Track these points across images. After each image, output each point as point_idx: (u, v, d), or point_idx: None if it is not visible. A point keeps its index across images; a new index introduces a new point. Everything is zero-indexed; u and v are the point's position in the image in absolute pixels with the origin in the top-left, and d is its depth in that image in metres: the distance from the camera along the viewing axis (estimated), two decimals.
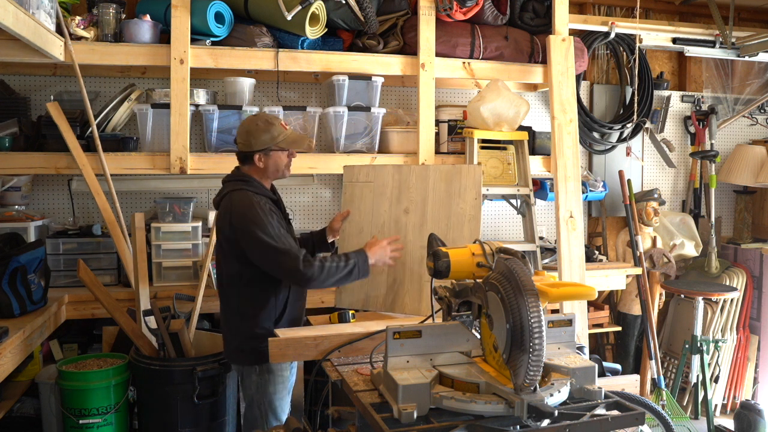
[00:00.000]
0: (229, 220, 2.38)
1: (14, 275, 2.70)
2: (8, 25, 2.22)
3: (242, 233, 2.35)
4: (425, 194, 2.51)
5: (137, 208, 3.68)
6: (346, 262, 2.37)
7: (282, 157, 2.52)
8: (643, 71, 4.42)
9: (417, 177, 2.55)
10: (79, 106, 3.25)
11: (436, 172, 2.52)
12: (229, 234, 2.40)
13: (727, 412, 4.48)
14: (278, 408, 2.53)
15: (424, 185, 2.52)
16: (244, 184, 2.47)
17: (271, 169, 2.51)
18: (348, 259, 2.38)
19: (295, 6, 3.12)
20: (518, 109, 3.55)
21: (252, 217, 2.33)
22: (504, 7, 3.71)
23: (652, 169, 4.71)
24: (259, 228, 2.31)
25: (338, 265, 2.35)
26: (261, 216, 2.34)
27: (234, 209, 2.38)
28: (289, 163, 2.56)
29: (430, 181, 2.51)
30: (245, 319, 2.47)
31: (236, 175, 2.54)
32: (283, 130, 2.50)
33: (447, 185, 2.45)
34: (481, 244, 1.82)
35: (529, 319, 1.47)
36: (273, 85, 3.83)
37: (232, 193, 2.43)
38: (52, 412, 3.06)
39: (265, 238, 2.31)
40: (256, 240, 2.31)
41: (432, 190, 2.49)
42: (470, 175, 2.42)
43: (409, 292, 2.55)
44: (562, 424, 1.52)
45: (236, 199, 2.40)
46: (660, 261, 4.31)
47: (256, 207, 2.35)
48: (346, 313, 2.54)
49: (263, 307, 2.46)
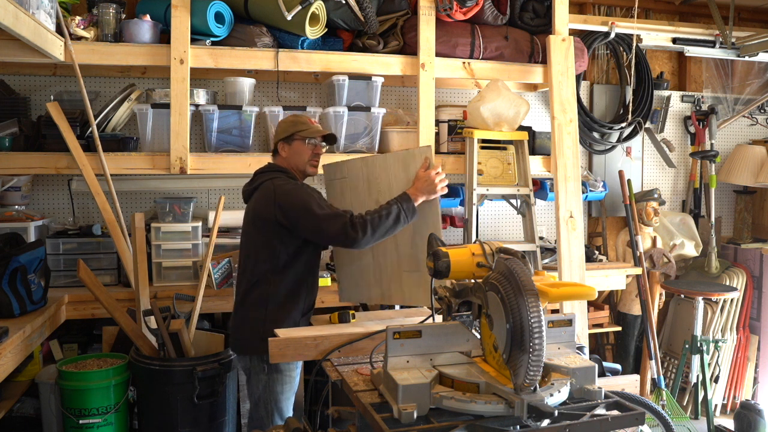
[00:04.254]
0: (274, 200, 2.45)
1: (14, 275, 2.71)
2: (8, 25, 2.22)
3: (289, 209, 2.42)
4: (389, 182, 2.54)
5: (137, 208, 3.68)
6: (389, 210, 2.36)
7: (304, 149, 2.58)
8: (643, 71, 4.42)
9: (380, 167, 2.59)
10: (79, 106, 3.25)
11: (394, 159, 2.55)
12: (277, 216, 2.44)
13: (727, 412, 4.48)
14: (284, 408, 2.53)
15: (387, 174, 2.56)
16: (280, 173, 2.56)
17: (293, 159, 2.59)
18: (390, 206, 2.37)
19: (295, 6, 3.12)
20: (518, 109, 3.55)
21: (296, 194, 2.43)
22: (504, 7, 3.71)
23: (652, 169, 4.71)
24: (305, 201, 2.41)
25: (380, 216, 2.35)
26: (304, 192, 2.44)
27: (277, 191, 2.46)
28: (313, 158, 2.61)
29: (391, 170, 2.54)
30: (273, 308, 2.48)
31: (271, 166, 2.63)
32: (308, 123, 2.61)
33: (404, 170, 2.49)
34: (481, 244, 1.82)
35: (529, 319, 1.47)
36: (273, 85, 3.83)
37: (271, 181, 2.51)
38: (52, 412, 3.05)
39: (313, 208, 2.38)
40: (304, 211, 2.39)
41: (394, 178, 2.53)
42: (422, 156, 2.46)
43: (393, 281, 2.57)
44: (562, 424, 1.52)
45: (277, 183, 2.49)
46: (660, 261, 4.31)
47: (298, 186, 2.48)
48: (347, 313, 2.54)
49: (296, 297, 2.51)
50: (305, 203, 2.40)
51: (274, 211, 2.43)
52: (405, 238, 2.50)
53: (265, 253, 2.50)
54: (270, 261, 2.50)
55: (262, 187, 2.52)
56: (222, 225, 3.38)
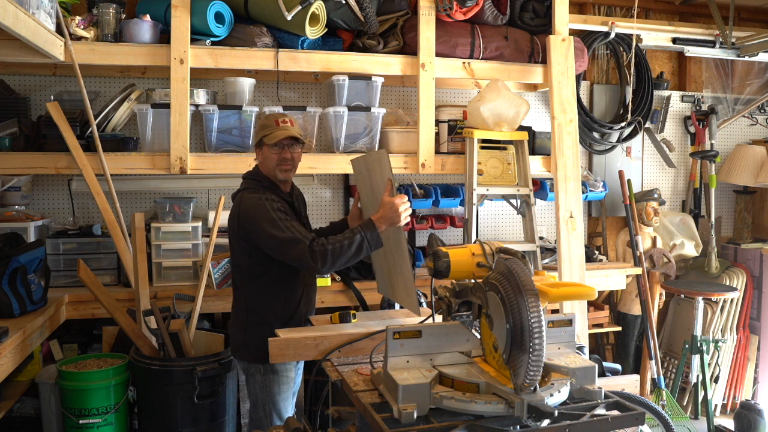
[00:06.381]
0: (238, 215, 2.45)
1: (14, 275, 2.70)
2: (8, 25, 2.22)
3: (250, 227, 2.40)
4: (374, 182, 2.49)
5: (137, 208, 3.68)
6: (351, 238, 2.28)
7: (270, 153, 2.51)
8: (643, 71, 4.42)
9: (370, 166, 2.53)
10: (79, 106, 3.25)
11: (370, 158, 2.52)
12: (238, 230, 2.46)
13: (727, 412, 4.48)
14: (282, 409, 2.53)
15: (370, 174, 2.52)
16: (256, 182, 2.54)
17: (263, 165, 2.56)
18: (354, 234, 2.29)
19: (295, 6, 3.12)
20: (518, 109, 3.55)
21: (257, 212, 2.38)
22: (504, 7, 3.71)
23: (652, 169, 4.71)
24: (265, 221, 2.35)
25: (342, 245, 2.27)
26: (265, 211, 2.37)
27: (242, 206, 2.45)
28: (280, 162, 2.51)
29: (372, 171, 2.49)
30: (252, 315, 2.51)
31: (252, 173, 2.62)
32: (273, 126, 2.51)
33: (380, 173, 2.40)
34: (481, 244, 1.82)
35: (529, 319, 1.47)
36: (273, 85, 3.82)
37: (242, 192, 2.51)
38: (52, 412, 3.05)
39: (271, 230, 2.33)
40: (263, 231, 2.35)
41: (375, 179, 2.47)
42: (379, 160, 2.37)
43: (399, 283, 2.54)
44: (562, 424, 1.52)
45: (245, 198, 2.47)
46: (660, 261, 4.31)
47: (261, 203, 2.40)
48: (347, 313, 2.54)
49: (273, 306, 2.49)
50: (265, 224, 2.34)
51: (238, 226, 2.45)
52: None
53: (240, 262, 2.54)
54: (244, 269, 2.53)
55: (236, 197, 2.54)
56: (222, 225, 3.37)
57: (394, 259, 2.45)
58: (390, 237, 2.39)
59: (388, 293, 2.68)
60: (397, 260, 2.40)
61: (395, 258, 2.42)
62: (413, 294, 2.29)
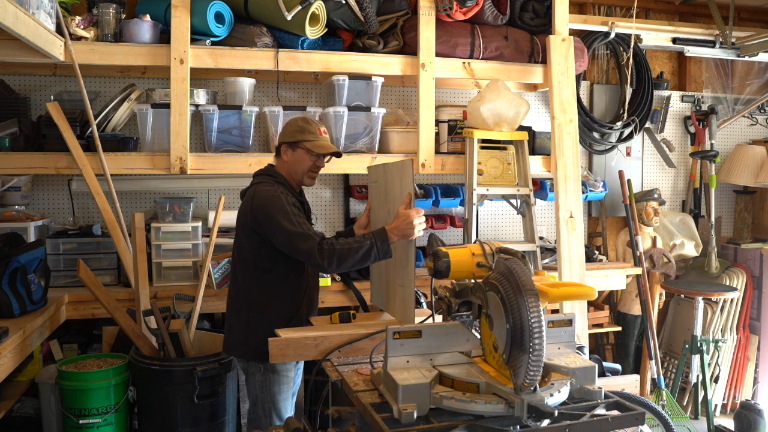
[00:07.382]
0: (251, 208, 2.44)
1: (14, 275, 2.70)
2: (8, 25, 2.22)
3: (263, 218, 2.40)
4: (392, 191, 2.46)
5: (137, 208, 3.68)
6: (361, 243, 2.28)
7: (305, 158, 2.56)
8: (643, 71, 4.42)
9: (389, 174, 2.51)
10: (79, 106, 3.25)
11: (393, 168, 2.48)
12: (251, 223, 2.45)
13: (727, 412, 4.48)
14: (282, 408, 2.53)
15: (387, 182, 2.51)
16: (270, 177, 2.55)
17: (293, 166, 2.57)
18: (364, 240, 2.29)
19: (295, 6, 3.12)
20: (518, 109, 3.55)
21: (272, 204, 2.39)
22: (504, 7, 3.71)
23: (652, 169, 4.71)
24: (279, 213, 2.36)
25: (351, 248, 2.28)
26: (281, 203, 2.38)
27: (256, 197, 2.45)
28: (313, 169, 2.58)
29: (391, 179, 2.47)
30: (253, 312, 2.49)
31: (266, 169, 2.62)
32: (317, 134, 2.56)
33: (400, 181, 2.38)
34: (481, 244, 1.82)
35: (529, 319, 1.47)
36: (273, 85, 3.83)
37: (258, 185, 2.51)
38: (52, 412, 3.05)
39: (284, 223, 2.34)
40: (276, 223, 2.36)
41: (393, 188, 2.45)
42: (407, 168, 2.32)
43: (397, 295, 2.50)
44: (562, 424, 1.52)
45: (259, 190, 2.47)
46: (660, 261, 4.31)
47: (277, 195, 2.41)
48: (347, 313, 2.54)
49: (276, 304, 2.49)
50: (278, 216, 2.36)
51: (251, 218, 2.45)
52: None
53: (245, 258, 2.53)
54: (248, 266, 2.52)
55: (249, 190, 2.54)
56: (222, 225, 3.38)
57: (396, 271, 2.44)
58: (398, 249, 2.38)
59: (382, 304, 2.67)
60: (400, 272, 2.39)
61: (398, 270, 2.41)
62: (411, 309, 2.25)
